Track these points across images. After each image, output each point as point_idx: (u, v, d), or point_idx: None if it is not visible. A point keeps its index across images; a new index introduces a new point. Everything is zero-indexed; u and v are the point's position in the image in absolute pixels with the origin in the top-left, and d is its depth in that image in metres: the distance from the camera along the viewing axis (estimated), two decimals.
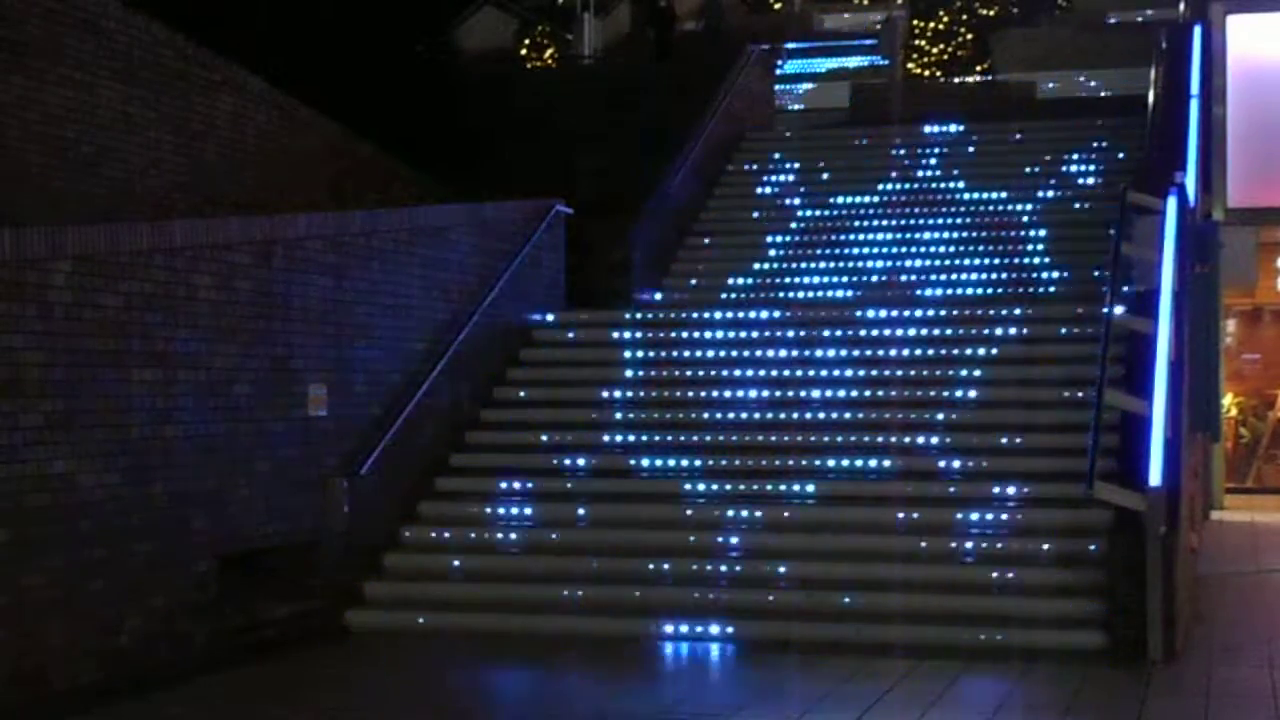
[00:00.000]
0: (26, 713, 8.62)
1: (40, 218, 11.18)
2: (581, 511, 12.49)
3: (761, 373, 14.07)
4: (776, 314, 15.17)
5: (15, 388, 8.66)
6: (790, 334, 14.66)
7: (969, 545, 11.55)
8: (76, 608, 9.07)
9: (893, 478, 12.51)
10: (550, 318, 15.08)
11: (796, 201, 18.85)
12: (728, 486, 12.63)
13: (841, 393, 13.60)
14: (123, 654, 9.42)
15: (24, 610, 8.71)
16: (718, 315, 15.24)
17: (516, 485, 12.95)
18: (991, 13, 30.27)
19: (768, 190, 19.19)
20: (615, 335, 15.02)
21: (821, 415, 13.37)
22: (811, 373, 14.00)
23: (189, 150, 14.17)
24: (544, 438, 13.58)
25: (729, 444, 13.19)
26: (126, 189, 13.30)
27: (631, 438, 13.45)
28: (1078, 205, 17.92)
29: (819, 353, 14.27)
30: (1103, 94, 25.48)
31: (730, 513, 12.20)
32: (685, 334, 14.90)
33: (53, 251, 8.93)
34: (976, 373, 13.68)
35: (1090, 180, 18.56)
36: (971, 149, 19.83)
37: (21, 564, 8.69)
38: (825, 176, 19.41)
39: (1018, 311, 14.59)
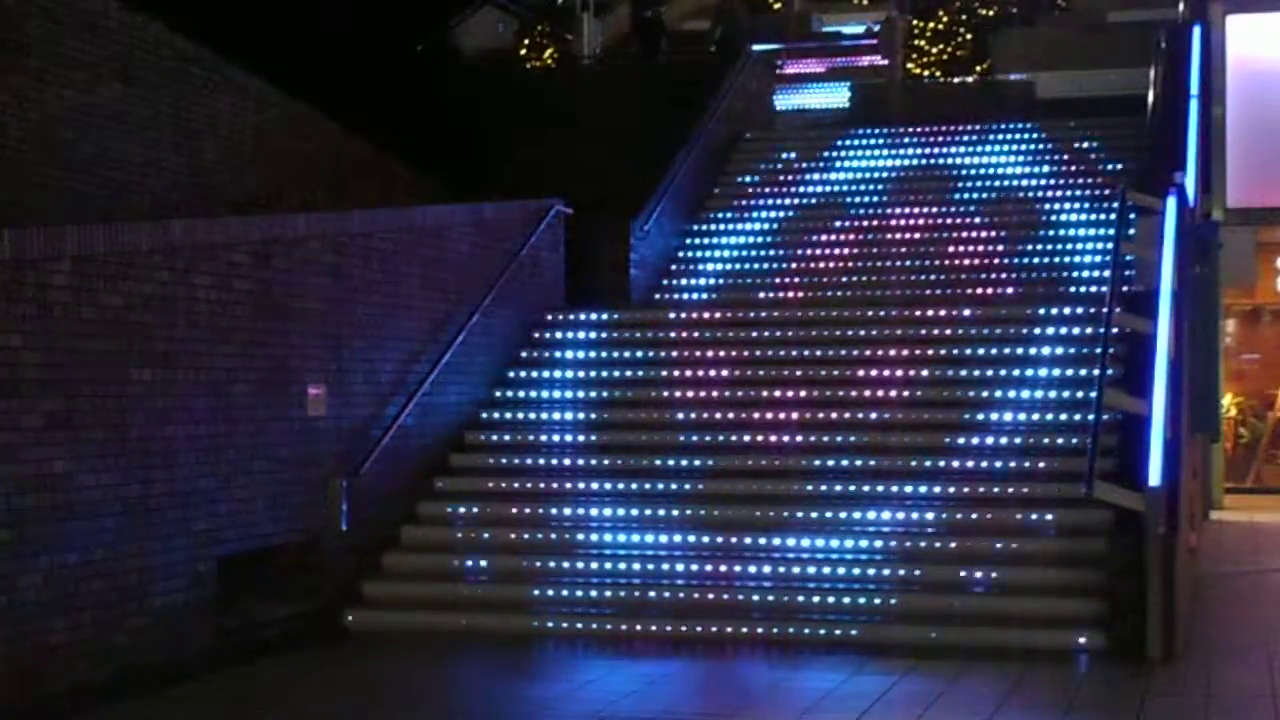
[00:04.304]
0: (26, 713, 8.62)
1: (40, 218, 11.19)
2: (581, 512, 12.49)
3: (762, 372, 14.06)
4: (776, 313, 15.18)
5: (15, 388, 8.67)
6: (790, 333, 14.65)
7: (969, 545, 11.55)
8: (76, 608, 9.07)
9: (891, 477, 12.52)
10: (550, 317, 15.08)
11: (796, 201, 18.86)
12: (726, 486, 12.64)
13: (842, 392, 13.57)
14: (123, 654, 9.42)
15: (23, 610, 8.71)
16: (718, 315, 15.25)
17: (516, 485, 12.96)
18: (991, 13, 30.22)
19: (767, 190, 19.19)
20: (615, 335, 15.02)
21: (821, 415, 13.36)
22: (809, 371, 13.98)
23: (189, 150, 14.17)
24: (544, 438, 13.58)
25: (727, 444, 13.19)
26: (126, 189, 13.30)
27: (631, 437, 13.46)
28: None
29: (819, 352, 14.25)
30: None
31: (730, 512, 12.20)
32: (685, 334, 14.90)
33: (53, 251, 8.93)
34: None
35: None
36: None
37: (21, 564, 8.70)
38: (826, 175, 19.42)
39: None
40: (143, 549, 9.63)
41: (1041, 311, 14.31)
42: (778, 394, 13.69)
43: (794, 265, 17.44)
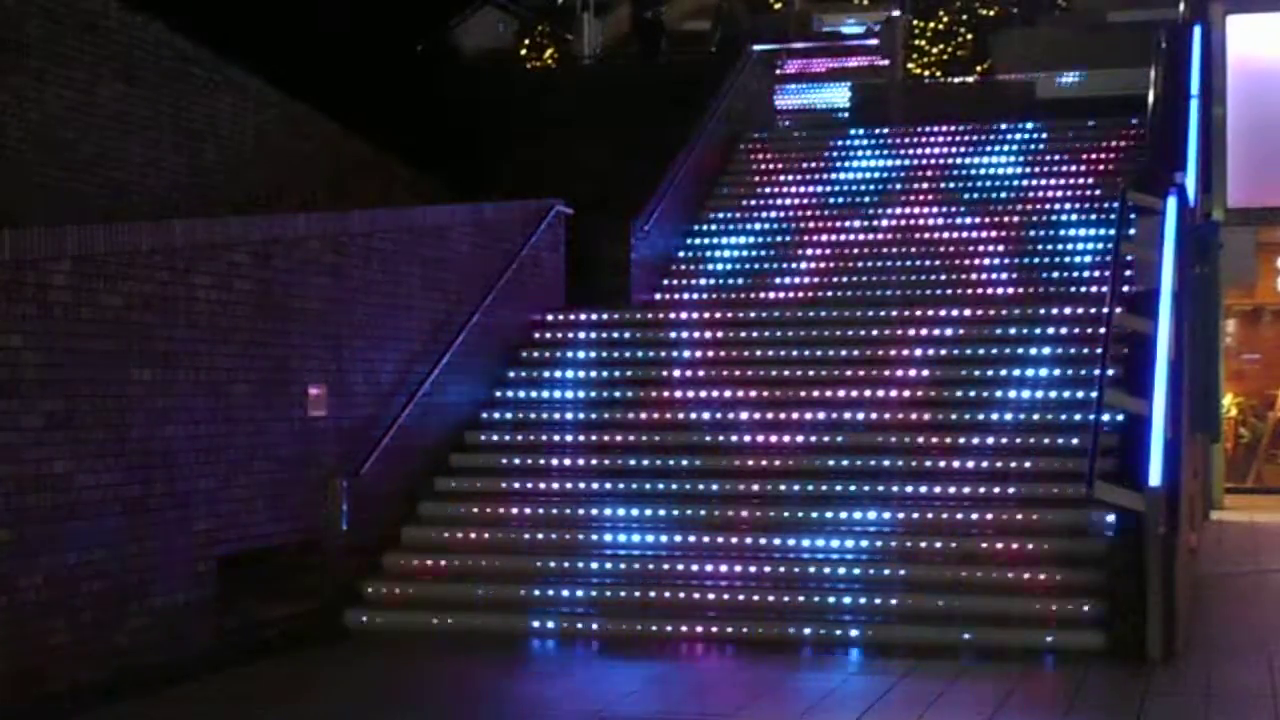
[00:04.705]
0: (26, 713, 8.62)
1: (40, 218, 11.19)
2: (581, 512, 12.49)
3: (761, 373, 14.06)
4: (776, 314, 15.18)
5: (15, 388, 8.67)
6: (790, 334, 14.65)
7: (969, 545, 11.55)
8: (76, 608, 9.07)
9: (892, 477, 12.53)
10: (550, 317, 15.08)
11: (797, 201, 18.85)
12: (727, 486, 12.65)
13: (842, 393, 13.58)
14: (123, 654, 9.42)
15: (24, 610, 8.71)
16: (718, 315, 15.25)
17: (516, 485, 12.96)
18: (991, 13, 30.27)
19: (767, 190, 19.19)
20: (615, 335, 15.02)
21: (821, 415, 13.35)
22: (811, 372, 13.98)
23: (189, 150, 14.17)
24: (544, 438, 13.58)
25: (728, 443, 13.19)
26: (126, 189, 13.30)
27: (631, 438, 13.45)
28: None
29: (819, 351, 14.25)
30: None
31: (730, 512, 12.21)
32: (685, 334, 14.90)
33: (53, 251, 8.93)
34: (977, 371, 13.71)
35: None
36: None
37: (21, 564, 8.70)
38: (826, 176, 19.42)
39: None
40: (143, 549, 9.62)
41: (1042, 311, 14.32)
42: (778, 394, 13.69)
43: (794, 265, 17.44)
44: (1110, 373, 11.94)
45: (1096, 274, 16.21)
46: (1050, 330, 14.02)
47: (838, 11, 30.87)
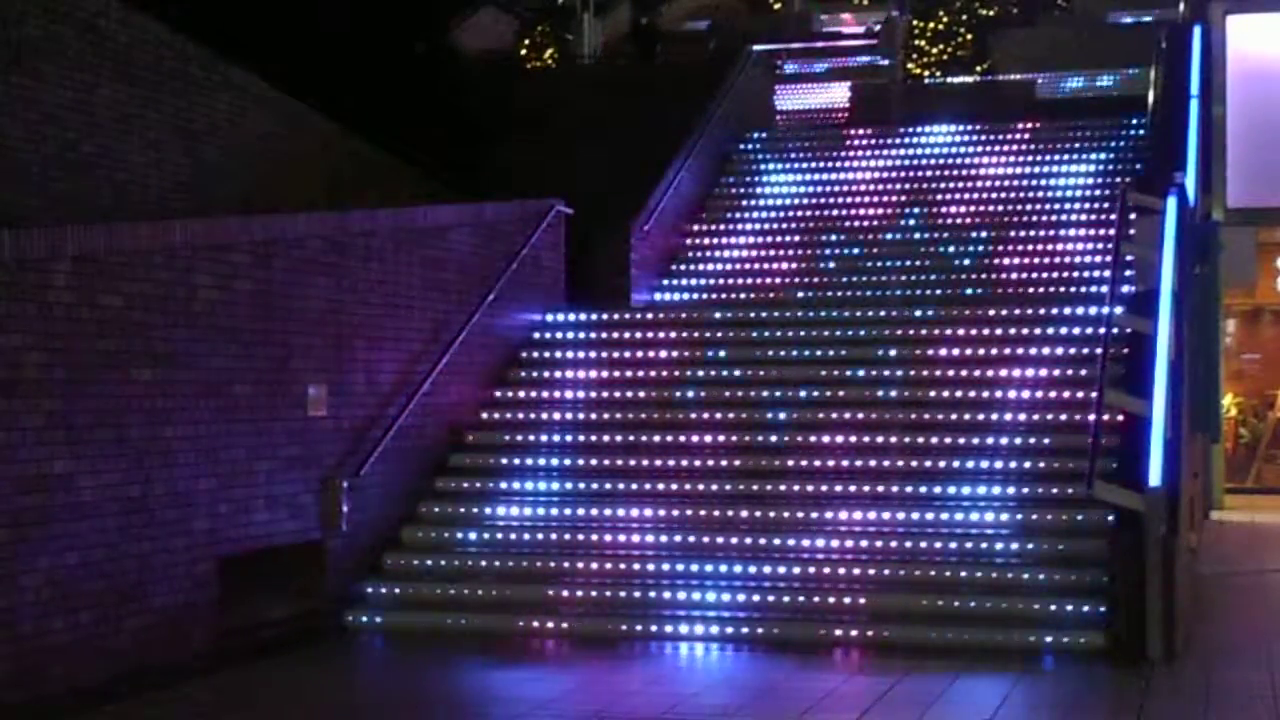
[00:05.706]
0: (26, 713, 8.62)
1: (40, 218, 11.20)
2: (581, 511, 12.49)
3: (761, 373, 14.06)
4: (777, 313, 15.18)
5: (15, 388, 8.67)
6: (790, 334, 14.65)
7: (969, 546, 11.56)
8: (76, 608, 9.06)
9: (891, 478, 12.53)
10: (550, 318, 15.08)
11: (797, 201, 18.86)
12: (727, 486, 12.65)
13: (842, 393, 13.58)
14: (123, 654, 9.42)
15: (23, 610, 8.71)
16: (717, 315, 15.25)
17: (516, 485, 12.96)
18: (991, 13, 30.31)
19: (767, 189, 19.19)
20: (614, 335, 15.02)
21: (821, 415, 13.35)
22: (809, 372, 13.99)
23: (189, 150, 14.17)
24: (543, 438, 13.58)
25: (728, 444, 13.18)
26: (126, 189, 13.31)
27: (631, 437, 13.45)
28: None
29: (819, 352, 14.25)
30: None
31: (730, 512, 12.20)
32: (685, 334, 14.90)
33: (53, 251, 8.93)
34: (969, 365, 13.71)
35: None
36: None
37: (21, 564, 8.70)
38: (826, 175, 19.43)
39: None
40: (143, 549, 9.63)
41: (1041, 311, 14.32)
42: (778, 394, 13.68)
43: (795, 265, 17.44)
44: (1110, 373, 11.93)
45: (1097, 273, 16.21)
46: (1050, 330, 14.01)
47: (838, 11, 30.89)
